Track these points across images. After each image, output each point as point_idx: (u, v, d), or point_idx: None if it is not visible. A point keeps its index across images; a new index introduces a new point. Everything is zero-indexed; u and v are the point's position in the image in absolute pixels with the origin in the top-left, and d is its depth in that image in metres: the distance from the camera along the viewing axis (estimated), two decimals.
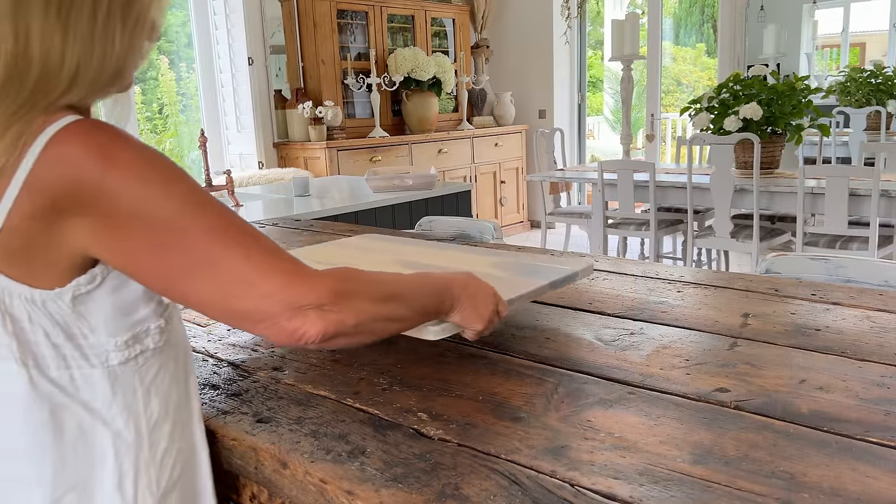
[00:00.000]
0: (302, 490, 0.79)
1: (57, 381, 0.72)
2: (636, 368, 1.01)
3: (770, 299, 1.30)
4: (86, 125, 0.68)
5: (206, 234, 0.68)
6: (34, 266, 0.69)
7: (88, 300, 0.72)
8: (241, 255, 0.69)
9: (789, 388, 0.92)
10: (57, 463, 0.73)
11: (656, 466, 0.74)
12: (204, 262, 0.68)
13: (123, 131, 0.69)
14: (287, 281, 0.69)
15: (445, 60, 5.80)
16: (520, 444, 0.80)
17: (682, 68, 9.21)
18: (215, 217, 0.69)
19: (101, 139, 0.67)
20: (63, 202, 0.66)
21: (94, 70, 0.70)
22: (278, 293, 0.69)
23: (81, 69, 0.69)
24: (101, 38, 0.70)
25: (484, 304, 0.94)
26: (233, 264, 0.68)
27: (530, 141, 6.43)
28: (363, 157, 5.29)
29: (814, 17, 6.70)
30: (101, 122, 0.69)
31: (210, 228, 0.68)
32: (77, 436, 0.74)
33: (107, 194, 0.66)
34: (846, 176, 3.28)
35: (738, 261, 4.82)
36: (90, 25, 0.69)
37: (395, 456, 0.79)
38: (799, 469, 0.72)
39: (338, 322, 0.72)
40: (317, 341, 0.71)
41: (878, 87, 5.52)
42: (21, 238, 0.67)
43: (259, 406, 0.95)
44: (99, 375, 0.74)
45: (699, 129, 3.84)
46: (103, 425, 0.75)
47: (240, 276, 0.68)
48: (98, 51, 0.70)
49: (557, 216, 4.79)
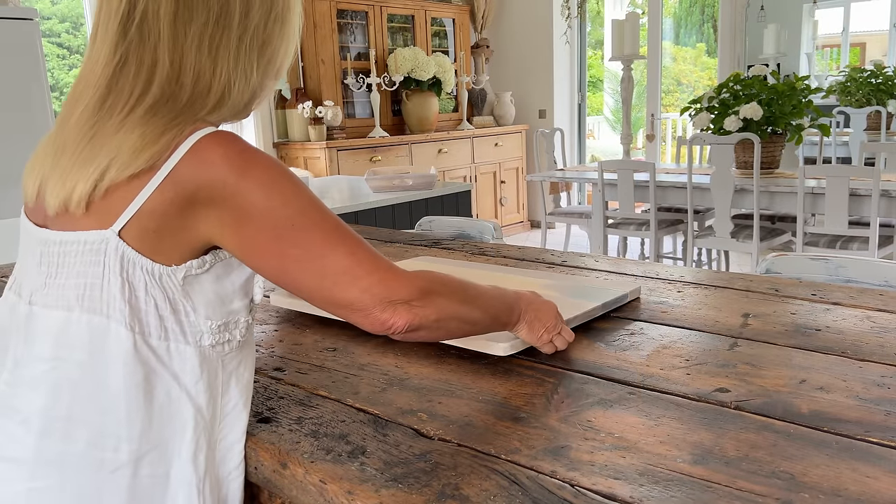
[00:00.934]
0: (302, 490, 0.79)
1: (156, 349, 0.81)
2: (636, 368, 1.01)
3: (770, 299, 1.30)
4: (227, 135, 0.79)
5: (321, 233, 0.80)
6: (162, 244, 0.79)
7: (195, 282, 0.82)
8: (348, 253, 0.80)
9: (789, 388, 0.92)
10: (145, 422, 0.80)
11: (656, 466, 0.74)
12: (317, 256, 0.80)
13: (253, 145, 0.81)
14: (383, 277, 0.81)
15: (445, 60, 5.80)
16: (520, 444, 0.80)
17: (682, 68, 9.21)
18: (330, 221, 0.81)
19: (240, 147, 0.79)
20: (201, 194, 0.77)
21: (234, 99, 0.84)
22: (375, 287, 0.81)
23: (224, 97, 0.83)
24: (241, 73, 0.84)
25: (548, 320, 1.04)
26: (341, 260, 0.80)
27: (530, 141, 6.43)
28: (363, 157, 5.29)
29: (814, 17, 6.70)
30: (237, 135, 0.80)
31: (325, 229, 0.81)
32: (165, 402, 0.81)
33: (241, 193, 0.77)
34: (846, 176, 3.28)
35: (738, 261, 4.83)
36: (234, 62, 0.83)
37: (395, 456, 0.79)
38: (799, 469, 0.72)
39: (423, 316, 0.84)
40: (402, 331, 0.83)
41: (878, 87, 5.51)
42: (157, 220, 0.78)
43: (259, 406, 0.95)
44: (191, 352, 0.83)
45: (699, 129, 3.84)
46: (188, 398, 0.82)
47: (346, 270, 0.80)
48: (238, 83, 0.84)
49: (557, 216, 4.79)
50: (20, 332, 0.83)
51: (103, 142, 0.78)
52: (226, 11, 0.82)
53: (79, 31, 6.48)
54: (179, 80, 0.81)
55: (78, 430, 0.79)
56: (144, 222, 0.77)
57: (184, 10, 0.80)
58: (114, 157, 0.77)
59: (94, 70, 0.82)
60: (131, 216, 0.77)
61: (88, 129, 0.80)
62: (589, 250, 4.83)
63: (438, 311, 0.85)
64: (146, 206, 0.77)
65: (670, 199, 4.03)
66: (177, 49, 0.80)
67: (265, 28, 0.85)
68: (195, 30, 0.81)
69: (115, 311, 0.79)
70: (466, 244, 1.88)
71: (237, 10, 0.83)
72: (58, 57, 6.53)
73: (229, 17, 0.82)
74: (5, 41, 3.54)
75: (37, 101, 3.66)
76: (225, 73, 0.82)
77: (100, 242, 0.79)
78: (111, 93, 0.80)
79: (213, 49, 0.82)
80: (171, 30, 0.80)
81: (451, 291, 0.88)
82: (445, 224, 2.23)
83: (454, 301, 0.88)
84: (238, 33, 0.83)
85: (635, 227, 4.16)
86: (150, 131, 0.77)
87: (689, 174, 3.73)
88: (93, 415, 0.79)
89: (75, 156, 0.79)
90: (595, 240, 4.29)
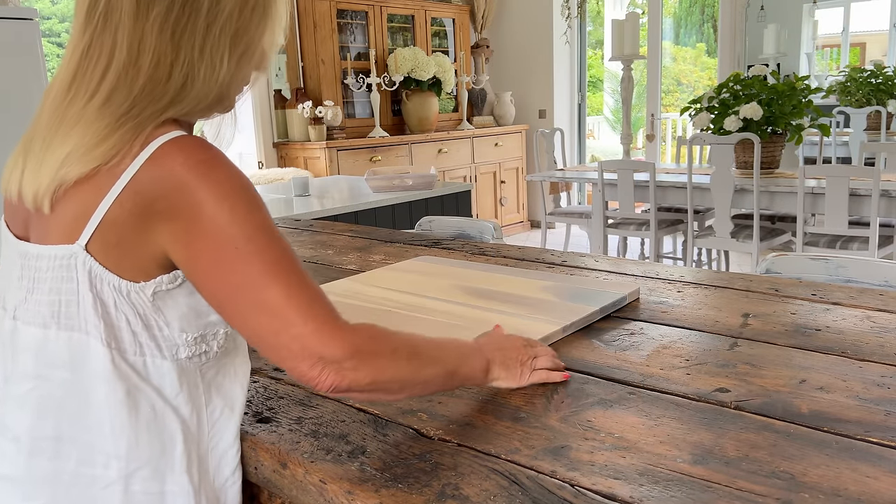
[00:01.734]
0: (302, 490, 0.79)
1: (133, 364, 0.79)
2: (636, 368, 1.01)
3: (770, 299, 1.30)
4: (190, 141, 0.76)
5: (262, 264, 0.74)
6: (124, 259, 0.77)
7: (167, 297, 0.79)
8: (286, 293, 0.74)
9: (789, 388, 0.92)
10: (132, 439, 0.79)
11: (656, 466, 0.74)
12: (253, 287, 0.74)
13: (221, 153, 0.77)
14: (317, 329, 0.74)
15: (445, 60, 5.80)
16: (520, 444, 0.80)
17: (682, 68, 9.21)
18: (276, 252, 0.75)
19: (202, 156, 0.75)
20: (158, 205, 0.73)
21: (198, 89, 0.79)
22: (307, 338, 0.73)
23: (186, 86, 0.78)
24: (208, 62, 0.79)
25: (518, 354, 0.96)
26: (276, 298, 0.74)
27: (530, 141, 6.43)
28: (363, 157, 5.29)
29: (814, 17, 6.70)
30: (204, 141, 0.77)
31: (268, 260, 0.74)
32: (151, 417, 0.80)
33: (194, 205, 0.73)
34: (846, 176, 3.28)
35: (738, 261, 4.83)
36: (199, 49, 0.78)
37: (395, 456, 0.79)
38: (799, 469, 0.72)
39: (352, 380, 0.75)
40: (328, 391, 0.76)
41: (878, 87, 5.51)
42: (117, 232, 0.75)
43: (259, 406, 0.95)
44: (168, 367, 0.81)
45: (699, 129, 3.84)
46: (173, 412, 0.81)
47: (279, 311, 0.74)
48: (204, 72, 0.79)
49: (557, 216, 4.79)
50: (7, 348, 0.83)
51: (66, 130, 0.76)
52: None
53: None
54: (137, 64, 0.76)
55: (67, 448, 0.79)
56: (106, 235, 0.75)
57: None
58: (69, 153, 0.75)
59: (67, 57, 0.80)
60: (95, 228, 0.75)
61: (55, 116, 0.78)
62: (589, 250, 4.83)
63: (374, 374, 0.76)
64: (107, 217, 0.74)
65: (670, 199, 4.02)
66: (136, 32, 0.76)
67: (239, 16, 0.81)
68: (157, 13, 0.77)
69: (92, 327, 0.78)
70: (466, 244, 1.88)
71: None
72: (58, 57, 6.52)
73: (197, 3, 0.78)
74: (5, 41, 3.53)
75: (37, 102, 3.64)
76: (188, 61, 0.78)
77: (69, 257, 0.77)
78: (75, 79, 0.78)
79: (176, 34, 0.77)
80: (132, 12, 0.77)
81: (394, 351, 0.79)
82: (445, 224, 2.23)
83: (397, 361, 0.79)
84: (207, 20, 0.78)
85: (635, 227, 4.16)
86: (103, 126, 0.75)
87: (689, 174, 3.73)
88: (80, 432, 0.79)
89: (45, 144, 0.77)
90: (595, 240, 4.29)
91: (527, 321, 1.16)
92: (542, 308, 1.22)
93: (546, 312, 1.20)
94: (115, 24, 0.77)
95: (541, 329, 1.12)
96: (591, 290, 1.32)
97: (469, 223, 2.18)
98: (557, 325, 1.14)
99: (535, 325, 1.14)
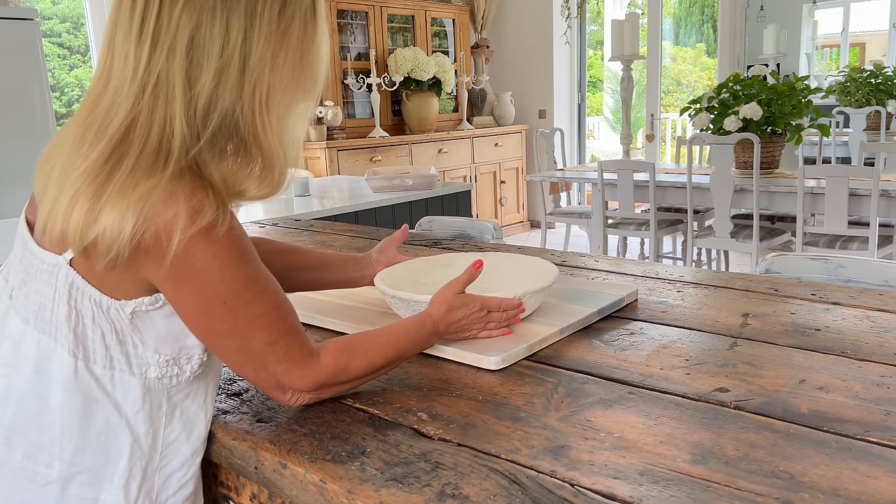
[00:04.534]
0: (302, 490, 0.79)
1: (99, 377, 0.82)
2: (636, 368, 1.01)
3: (770, 299, 1.30)
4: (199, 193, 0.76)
5: (249, 318, 0.81)
6: (109, 277, 0.79)
7: (146, 318, 0.82)
8: (266, 340, 0.83)
9: (789, 388, 0.92)
10: (79, 446, 0.81)
11: (656, 466, 0.74)
12: (238, 334, 0.82)
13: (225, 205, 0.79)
14: (290, 369, 0.85)
15: (445, 60, 5.80)
16: (520, 444, 0.80)
17: (682, 68, 9.21)
18: (261, 305, 0.82)
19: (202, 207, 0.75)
20: (148, 241, 0.75)
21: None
22: (281, 376, 0.85)
23: None
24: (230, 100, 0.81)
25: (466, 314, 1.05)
26: (259, 346, 0.83)
27: (530, 141, 6.43)
28: (363, 157, 5.29)
29: (814, 17, 6.70)
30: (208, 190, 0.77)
31: (254, 315, 0.81)
32: (103, 429, 0.82)
33: (184, 254, 0.76)
34: (846, 176, 3.28)
35: (738, 261, 4.83)
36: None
37: (395, 456, 0.79)
38: (799, 469, 0.72)
39: (314, 399, 0.91)
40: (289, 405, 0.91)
41: (877, 87, 5.51)
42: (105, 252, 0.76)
43: (259, 406, 0.95)
44: (135, 383, 0.83)
45: (699, 129, 3.84)
46: (127, 428, 0.83)
47: (259, 355, 0.83)
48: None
49: (557, 216, 4.79)
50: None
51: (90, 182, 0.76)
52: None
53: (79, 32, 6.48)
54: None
55: (17, 439, 0.81)
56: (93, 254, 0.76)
57: None
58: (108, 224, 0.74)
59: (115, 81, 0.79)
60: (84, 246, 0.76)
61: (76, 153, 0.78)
62: (589, 250, 4.83)
63: (335, 393, 0.92)
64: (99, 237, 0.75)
65: (670, 199, 4.03)
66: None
67: None
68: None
69: (62, 336, 0.80)
70: (466, 244, 1.88)
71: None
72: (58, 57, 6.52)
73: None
74: (5, 41, 3.54)
75: (37, 102, 3.66)
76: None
77: (54, 266, 0.80)
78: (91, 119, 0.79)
79: None
80: None
81: (354, 378, 0.92)
82: (445, 224, 2.23)
83: (355, 381, 0.93)
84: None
85: (635, 227, 4.16)
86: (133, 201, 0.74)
87: (688, 174, 3.73)
88: (32, 429, 0.81)
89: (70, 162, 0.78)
90: (595, 240, 4.29)
91: (524, 322, 1.16)
92: (540, 309, 1.22)
93: (543, 314, 1.20)
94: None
95: (538, 331, 1.12)
96: (589, 291, 1.32)
97: (469, 223, 2.18)
98: (555, 326, 1.14)
99: (533, 327, 1.14)
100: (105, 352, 0.81)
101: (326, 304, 1.32)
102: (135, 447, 0.83)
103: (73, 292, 0.80)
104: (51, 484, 0.81)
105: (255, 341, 0.82)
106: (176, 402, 0.86)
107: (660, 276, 1.50)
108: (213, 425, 0.90)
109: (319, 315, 1.26)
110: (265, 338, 0.82)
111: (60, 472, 0.81)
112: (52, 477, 0.81)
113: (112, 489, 0.83)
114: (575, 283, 1.39)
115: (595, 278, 1.49)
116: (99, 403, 0.82)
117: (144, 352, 0.83)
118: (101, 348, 0.81)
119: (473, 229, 2.15)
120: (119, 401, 0.82)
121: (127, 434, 0.83)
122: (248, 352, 0.83)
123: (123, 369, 0.82)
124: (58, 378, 0.80)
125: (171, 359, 0.84)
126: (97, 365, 0.81)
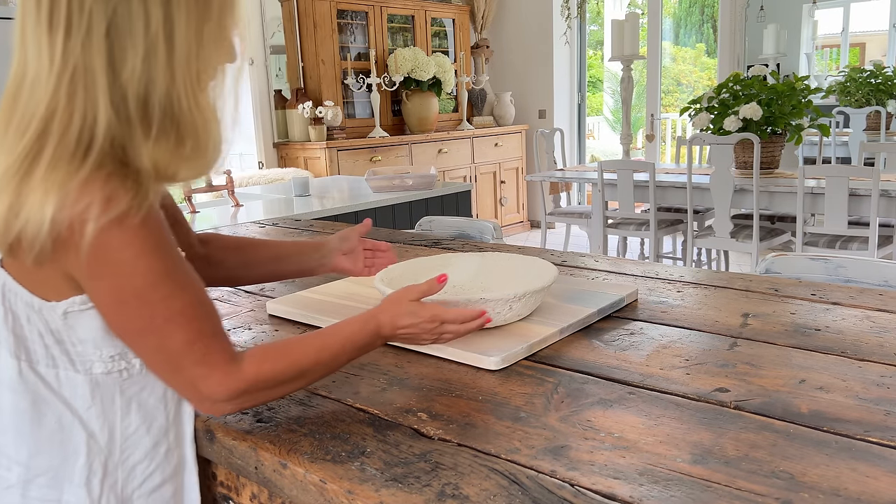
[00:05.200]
0: (302, 490, 0.79)
1: (44, 376, 0.81)
2: (636, 368, 1.01)
3: (770, 299, 1.30)
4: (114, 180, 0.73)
5: (166, 314, 0.76)
6: (38, 276, 0.78)
7: (80, 317, 0.80)
8: (184, 340, 0.78)
9: (789, 388, 0.92)
10: (32, 448, 0.81)
11: (656, 466, 0.74)
12: (155, 333, 0.77)
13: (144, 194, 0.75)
14: (207, 374, 0.79)
15: (445, 60, 5.79)
16: (520, 444, 0.80)
17: (682, 68, 9.21)
18: (179, 303, 0.77)
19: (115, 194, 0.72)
20: (65, 232, 0.72)
21: None
22: (197, 382, 0.79)
23: None
24: None
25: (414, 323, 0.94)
26: (176, 346, 0.78)
27: (530, 141, 6.43)
28: (363, 157, 5.29)
29: (814, 17, 6.70)
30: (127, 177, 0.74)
31: (171, 311, 0.77)
32: (56, 429, 0.82)
33: (97, 244, 0.72)
34: (846, 176, 3.28)
35: (738, 261, 4.83)
36: None
37: (395, 456, 0.79)
38: (799, 469, 0.72)
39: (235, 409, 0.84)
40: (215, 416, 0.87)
41: (877, 87, 5.51)
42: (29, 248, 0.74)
43: (259, 406, 0.95)
44: (81, 380, 0.82)
45: (699, 129, 3.84)
46: (81, 425, 0.83)
47: (176, 357, 0.78)
48: None
49: (557, 216, 4.79)
50: None
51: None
52: None
53: None
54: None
55: None
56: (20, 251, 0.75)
57: None
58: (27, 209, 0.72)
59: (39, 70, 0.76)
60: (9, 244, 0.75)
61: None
62: (589, 250, 4.83)
63: (256, 403, 0.85)
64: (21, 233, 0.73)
65: (670, 199, 4.02)
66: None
67: None
68: None
69: (2, 338, 0.80)
70: (466, 244, 1.88)
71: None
72: None
73: None
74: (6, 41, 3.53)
75: None
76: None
77: None
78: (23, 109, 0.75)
79: None
80: None
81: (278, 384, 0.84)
82: (445, 224, 2.23)
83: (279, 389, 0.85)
84: None
85: (635, 227, 4.16)
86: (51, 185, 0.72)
87: (688, 174, 3.73)
88: None
89: None
90: (595, 240, 4.29)
91: (524, 322, 1.16)
92: (540, 309, 1.22)
93: (543, 314, 1.20)
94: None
95: (538, 331, 1.12)
96: (589, 291, 1.32)
97: (469, 223, 2.18)
98: (555, 326, 1.14)
99: (533, 327, 1.14)
100: (45, 351, 0.80)
101: (327, 304, 1.32)
102: (91, 443, 0.82)
103: (6, 293, 0.79)
104: (12, 487, 0.81)
105: (171, 340, 0.77)
106: (131, 396, 0.84)
107: (660, 276, 1.51)
108: (213, 425, 0.90)
109: (319, 315, 1.26)
110: (183, 337, 0.77)
111: (19, 475, 0.81)
112: (11, 480, 0.81)
113: (73, 488, 0.82)
114: (575, 283, 1.39)
115: (595, 278, 1.49)
116: (48, 403, 0.81)
117: (84, 349, 0.81)
118: (41, 348, 0.80)
119: (473, 229, 2.15)
120: (68, 398, 0.81)
121: (81, 431, 0.82)
122: (166, 351, 0.78)
123: (67, 367, 0.81)
124: (3, 381, 0.80)
125: (116, 355, 0.82)
126: (40, 365, 0.80)
